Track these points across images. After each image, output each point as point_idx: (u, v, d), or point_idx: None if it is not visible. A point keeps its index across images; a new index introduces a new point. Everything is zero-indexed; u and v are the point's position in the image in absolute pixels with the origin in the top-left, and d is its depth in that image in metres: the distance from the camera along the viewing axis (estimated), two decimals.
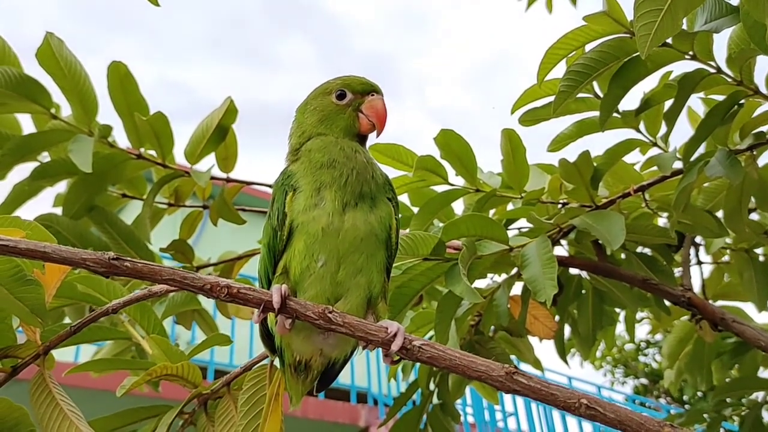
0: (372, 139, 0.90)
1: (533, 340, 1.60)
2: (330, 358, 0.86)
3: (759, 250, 1.69)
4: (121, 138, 1.49)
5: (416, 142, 1.50)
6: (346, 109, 0.88)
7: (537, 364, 1.63)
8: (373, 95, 0.89)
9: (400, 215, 0.90)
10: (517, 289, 1.45)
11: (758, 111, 1.29)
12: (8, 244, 0.65)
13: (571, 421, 6.44)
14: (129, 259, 0.68)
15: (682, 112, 1.24)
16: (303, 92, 0.95)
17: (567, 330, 1.74)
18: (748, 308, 1.90)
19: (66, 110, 1.44)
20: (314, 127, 0.88)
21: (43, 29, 1.33)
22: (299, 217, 0.80)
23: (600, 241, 1.48)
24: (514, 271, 1.41)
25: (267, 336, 0.88)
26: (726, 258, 1.86)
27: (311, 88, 0.95)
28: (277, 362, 0.90)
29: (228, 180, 1.59)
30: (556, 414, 6.35)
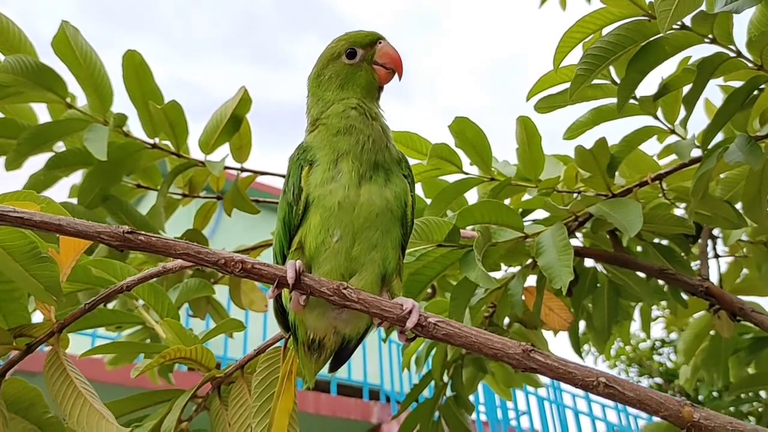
0: (395, 82, 0.89)
1: (547, 335, 1.58)
2: (344, 336, 0.86)
3: None
4: (135, 128, 1.49)
5: None
6: (361, 65, 0.88)
7: None
8: (380, 43, 0.88)
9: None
10: (531, 280, 1.44)
11: None
12: (23, 216, 0.65)
13: (585, 419, 6.39)
14: (143, 233, 0.68)
15: (701, 97, 1.22)
16: None
17: (582, 325, 1.72)
18: (767, 303, 1.88)
19: (81, 100, 1.44)
20: (336, 94, 0.87)
21: (57, 25, 1.33)
22: (315, 191, 0.80)
23: (616, 232, 1.47)
24: (529, 261, 1.40)
25: (281, 313, 0.88)
26: (744, 252, 1.84)
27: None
28: (290, 342, 0.90)
29: (242, 170, 1.59)
30: (569, 412, 6.31)
